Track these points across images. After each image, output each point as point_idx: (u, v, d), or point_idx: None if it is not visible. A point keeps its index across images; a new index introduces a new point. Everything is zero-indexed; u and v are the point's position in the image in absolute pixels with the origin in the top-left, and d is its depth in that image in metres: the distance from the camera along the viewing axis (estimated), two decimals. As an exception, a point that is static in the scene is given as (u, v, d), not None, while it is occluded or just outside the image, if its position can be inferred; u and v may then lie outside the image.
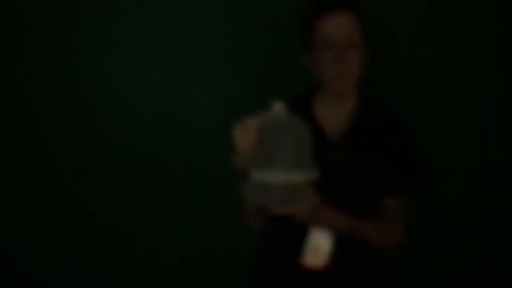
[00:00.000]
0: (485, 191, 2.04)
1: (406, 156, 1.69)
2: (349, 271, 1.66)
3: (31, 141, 2.05)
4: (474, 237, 2.07)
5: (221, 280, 2.10)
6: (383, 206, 1.65)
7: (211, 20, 2.00)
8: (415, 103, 2.00)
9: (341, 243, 1.58)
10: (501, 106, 2.01)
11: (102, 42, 2.01)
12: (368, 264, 1.70)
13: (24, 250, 2.10)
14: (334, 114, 1.68)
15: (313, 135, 1.47)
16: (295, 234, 1.58)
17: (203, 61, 2.01)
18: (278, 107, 1.47)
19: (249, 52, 2.00)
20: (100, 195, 2.07)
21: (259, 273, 1.74)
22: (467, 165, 2.03)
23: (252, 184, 1.43)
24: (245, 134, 1.43)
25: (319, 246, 1.57)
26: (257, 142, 1.43)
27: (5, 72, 2.02)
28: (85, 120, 2.04)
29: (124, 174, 2.06)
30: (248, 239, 1.81)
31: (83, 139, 2.05)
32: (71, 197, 2.08)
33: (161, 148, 2.06)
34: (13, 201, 2.08)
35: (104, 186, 2.07)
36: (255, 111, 1.49)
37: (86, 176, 2.07)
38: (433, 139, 2.02)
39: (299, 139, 1.45)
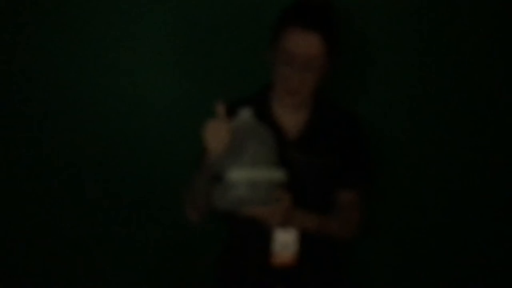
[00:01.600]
0: (484, 191, 2.06)
1: (359, 150, 1.72)
2: (315, 265, 1.68)
3: (26, 138, 2.05)
4: (473, 238, 2.09)
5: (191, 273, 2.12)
6: (341, 199, 1.69)
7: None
8: (415, 104, 2.02)
9: (306, 238, 1.60)
10: (500, 106, 2.02)
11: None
12: (333, 257, 1.74)
13: (23, 248, 2.12)
14: (291, 112, 1.68)
15: (273, 134, 1.50)
16: (260, 232, 1.59)
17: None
18: (246, 115, 1.48)
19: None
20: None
21: (224, 269, 1.75)
22: (466, 165, 2.05)
23: (223, 186, 1.45)
24: (216, 136, 1.42)
25: (286, 244, 1.59)
26: (228, 145, 1.43)
27: (5, 71, 2.02)
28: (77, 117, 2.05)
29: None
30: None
31: (78, 136, 2.05)
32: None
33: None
34: (12, 200, 2.08)
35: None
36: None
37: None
38: (431, 139, 2.03)
39: (266, 144, 1.48)
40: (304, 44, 1.55)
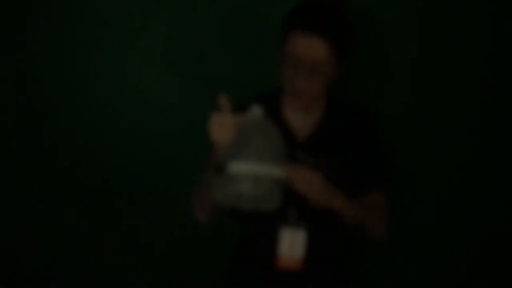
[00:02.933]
0: (483, 191, 2.05)
1: (375, 151, 1.67)
2: (322, 266, 1.65)
3: (28, 139, 2.05)
4: (472, 239, 2.08)
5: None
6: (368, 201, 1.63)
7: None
8: (414, 104, 2.01)
9: (313, 241, 1.58)
10: (499, 106, 2.01)
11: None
12: (340, 259, 1.70)
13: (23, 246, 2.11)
14: (301, 114, 1.65)
15: (282, 134, 1.48)
16: (269, 234, 1.58)
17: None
18: (256, 111, 1.46)
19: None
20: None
21: (232, 272, 1.73)
22: (471, 166, 2.04)
23: (223, 179, 1.42)
24: (222, 129, 1.40)
25: (293, 246, 1.57)
26: (235, 140, 1.41)
27: (6, 71, 2.02)
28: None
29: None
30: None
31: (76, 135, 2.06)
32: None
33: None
34: (12, 200, 2.08)
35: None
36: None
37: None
38: (429, 138, 2.03)
39: (274, 142, 1.46)
40: (309, 49, 1.51)
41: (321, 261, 1.64)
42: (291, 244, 1.57)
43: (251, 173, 1.40)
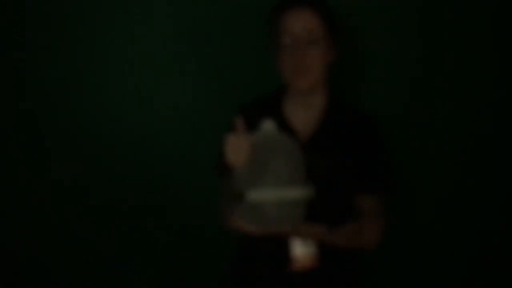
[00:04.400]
0: (483, 191, 2.05)
1: (376, 153, 1.66)
2: (323, 266, 1.64)
3: (31, 140, 2.05)
4: (471, 240, 2.07)
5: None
6: (358, 207, 1.63)
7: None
8: (414, 104, 2.01)
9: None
10: (499, 106, 2.01)
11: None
12: (341, 259, 1.69)
13: (24, 249, 2.11)
14: (303, 114, 1.66)
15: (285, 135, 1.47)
16: (273, 237, 1.57)
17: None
18: (268, 126, 1.44)
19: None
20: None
21: (236, 276, 1.72)
22: (471, 166, 2.04)
23: (246, 206, 1.40)
24: (237, 151, 1.39)
25: (306, 247, 1.56)
26: (250, 161, 1.39)
27: (6, 71, 2.02)
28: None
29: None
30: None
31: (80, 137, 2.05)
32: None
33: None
34: (13, 203, 2.08)
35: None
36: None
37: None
38: (429, 138, 2.03)
39: (291, 157, 1.43)
40: (296, 19, 1.58)
41: (323, 261, 1.63)
42: (304, 244, 1.57)
43: (272, 198, 1.39)
